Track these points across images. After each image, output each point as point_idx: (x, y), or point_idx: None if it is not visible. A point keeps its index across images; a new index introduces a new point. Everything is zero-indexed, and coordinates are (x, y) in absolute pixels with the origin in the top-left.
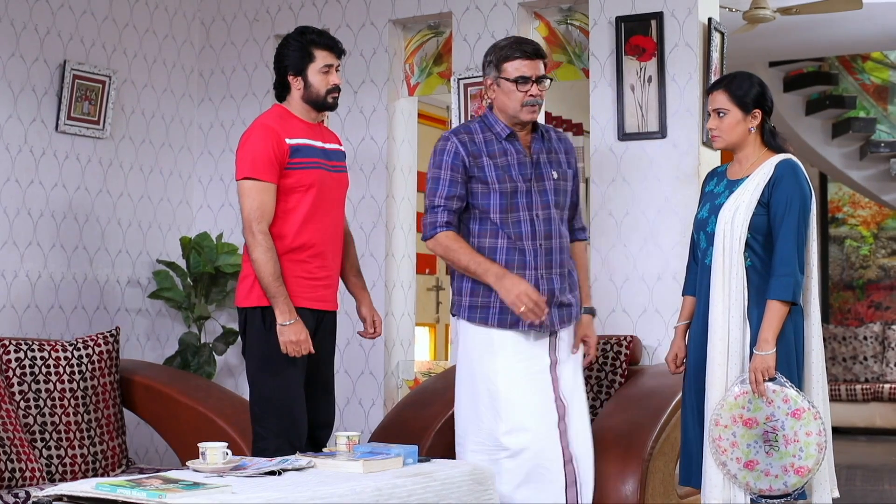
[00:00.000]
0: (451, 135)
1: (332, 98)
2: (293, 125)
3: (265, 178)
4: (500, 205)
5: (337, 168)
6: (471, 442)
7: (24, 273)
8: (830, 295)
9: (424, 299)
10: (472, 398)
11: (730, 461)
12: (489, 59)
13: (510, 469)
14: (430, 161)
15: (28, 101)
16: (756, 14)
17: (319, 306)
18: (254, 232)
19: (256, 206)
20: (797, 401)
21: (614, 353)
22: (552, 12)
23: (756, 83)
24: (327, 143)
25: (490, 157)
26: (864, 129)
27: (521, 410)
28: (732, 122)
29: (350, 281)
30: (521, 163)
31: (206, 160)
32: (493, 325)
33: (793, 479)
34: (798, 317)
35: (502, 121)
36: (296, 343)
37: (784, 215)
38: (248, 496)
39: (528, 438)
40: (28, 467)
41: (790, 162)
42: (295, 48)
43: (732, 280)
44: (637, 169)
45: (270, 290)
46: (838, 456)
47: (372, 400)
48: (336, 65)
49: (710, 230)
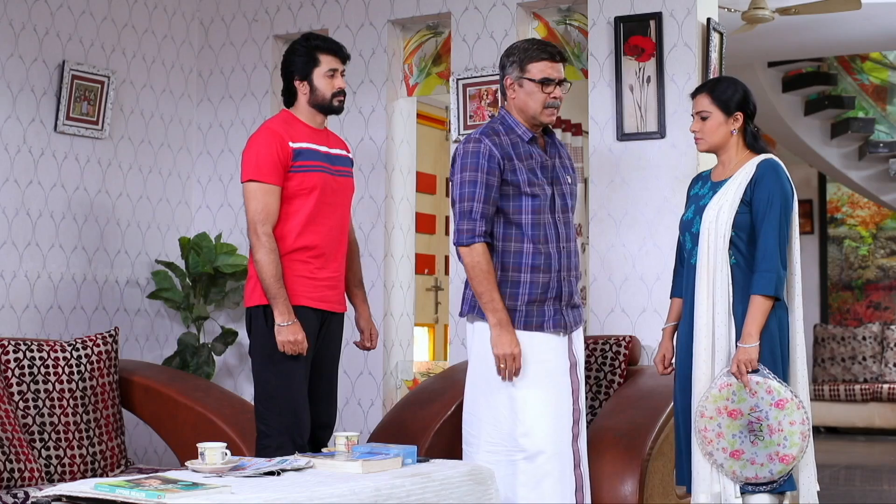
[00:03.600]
0: (482, 136)
1: (338, 101)
2: (298, 130)
3: (269, 181)
4: (532, 207)
5: (341, 173)
6: (485, 442)
7: (23, 273)
8: (829, 295)
9: (423, 299)
10: (489, 399)
11: (716, 451)
12: (512, 58)
13: (526, 471)
14: (458, 162)
15: (27, 102)
16: (755, 14)
17: (323, 306)
18: (258, 234)
19: (261, 208)
20: (780, 391)
21: (613, 354)
22: (551, 12)
23: (739, 87)
24: (333, 148)
25: (519, 159)
26: (862, 130)
27: (539, 413)
28: (715, 125)
29: (352, 291)
30: (544, 166)
31: (204, 160)
32: (520, 328)
33: (778, 467)
34: (782, 312)
35: (523, 124)
36: (293, 343)
37: (766, 212)
38: (246, 496)
39: (545, 441)
40: (27, 468)
41: (771, 161)
42: (301, 53)
43: (717, 278)
44: (636, 169)
45: (271, 290)
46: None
47: (371, 400)
48: (341, 69)
49: (695, 230)
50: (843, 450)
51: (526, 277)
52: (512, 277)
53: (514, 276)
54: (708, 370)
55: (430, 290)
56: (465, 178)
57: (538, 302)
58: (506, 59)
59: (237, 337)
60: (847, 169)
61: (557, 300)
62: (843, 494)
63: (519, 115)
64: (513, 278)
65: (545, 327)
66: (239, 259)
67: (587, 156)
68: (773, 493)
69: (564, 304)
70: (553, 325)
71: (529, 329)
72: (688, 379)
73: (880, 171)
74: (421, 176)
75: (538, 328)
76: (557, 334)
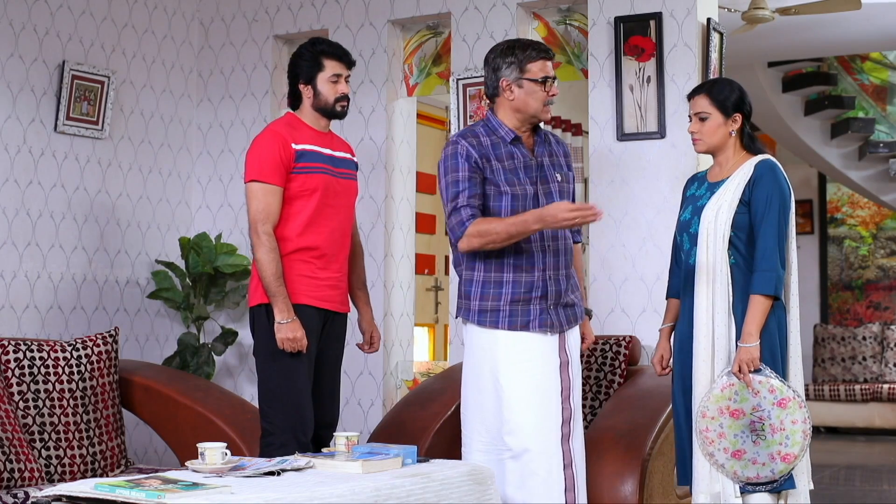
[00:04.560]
0: (458, 138)
1: (341, 106)
2: (302, 132)
3: (271, 181)
4: (511, 207)
5: (344, 175)
6: (476, 442)
7: (23, 273)
8: (829, 295)
9: (423, 299)
10: (478, 399)
11: (717, 451)
12: (509, 59)
13: (513, 470)
14: (440, 167)
15: (27, 102)
16: (755, 14)
17: (326, 306)
18: (259, 233)
19: (262, 207)
20: (783, 391)
21: (613, 354)
22: (551, 12)
23: (736, 88)
24: (336, 150)
25: (498, 160)
26: (862, 130)
27: (524, 411)
28: (714, 126)
29: (355, 294)
30: (528, 166)
31: (204, 160)
32: (504, 328)
33: (780, 466)
34: (780, 311)
35: (506, 124)
36: (292, 340)
37: (765, 213)
38: (246, 496)
39: (529, 439)
40: (27, 468)
41: (769, 162)
42: (306, 58)
43: (717, 278)
44: (636, 169)
45: (271, 289)
46: (838, 456)
47: (371, 400)
48: (346, 75)
49: (693, 231)
50: (843, 450)
51: (509, 277)
52: (495, 277)
53: (497, 276)
54: (708, 371)
55: (430, 290)
56: (448, 181)
57: (522, 301)
58: (501, 60)
59: (237, 337)
60: (847, 169)
61: (543, 299)
62: (843, 494)
63: (513, 115)
64: (496, 278)
65: (530, 327)
66: (239, 259)
67: (587, 156)
68: (773, 493)
69: (552, 304)
70: (539, 324)
71: (514, 329)
72: (687, 379)
73: (880, 171)
74: (421, 176)
75: (523, 328)
76: (544, 333)
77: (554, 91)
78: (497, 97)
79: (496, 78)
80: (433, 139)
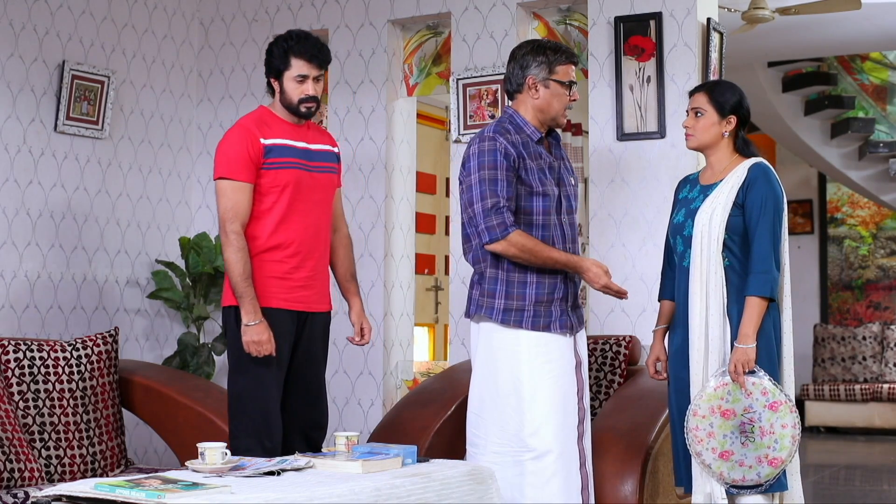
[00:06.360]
0: (495, 134)
1: (306, 108)
2: (272, 126)
3: (240, 178)
4: (543, 208)
5: (320, 168)
6: (493, 444)
7: (23, 273)
8: (829, 295)
9: (423, 299)
10: (496, 400)
11: (705, 451)
12: (540, 58)
13: (534, 471)
14: (472, 162)
15: (27, 102)
16: (755, 14)
17: (299, 307)
18: (227, 231)
19: (231, 205)
20: (775, 393)
21: (613, 354)
22: (551, 12)
23: (737, 92)
24: (312, 143)
25: (531, 158)
26: (862, 130)
27: (547, 412)
28: (707, 124)
29: (343, 286)
30: (551, 167)
31: (204, 160)
32: (527, 328)
33: (766, 470)
34: (776, 313)
35: (532, 123)
36: (258, 343)
37: (759, 215)
38: (246, 496)
39: (553, 440)
40: (27, 467)
41: (762, 165)
42: (277, 53)
43: (711, 280)
44: (636, 169)
45: (238, 289)
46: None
47: (371, 400)
48: (314, 75)
49: (686, 233)
50: (843, 450)
51: (533, 278)
52: (519, 277)
53: (521, 276)
54: (702, 372)
55: (430, 290)
56: (483, 177)
57: (546, 302)
58: (531, 58)
59: None
60: (847, 169)
61: (564, 301)
62: (843, 494)
63: (535, 114)
64: (520, 278)
65: (552, 328)
66: None
67: (587, 156)
68: (765, 493)
69: (570, 305)
70: (560, 325)
71: (537, 329)
72: (682, 381)
73: (880, 171)
74: (421, 176)
75: (545, 328)
76: (564, 335)
77: (575, 96)
78: (519, 94)
79: (523, 74)
80: (433, 139)
